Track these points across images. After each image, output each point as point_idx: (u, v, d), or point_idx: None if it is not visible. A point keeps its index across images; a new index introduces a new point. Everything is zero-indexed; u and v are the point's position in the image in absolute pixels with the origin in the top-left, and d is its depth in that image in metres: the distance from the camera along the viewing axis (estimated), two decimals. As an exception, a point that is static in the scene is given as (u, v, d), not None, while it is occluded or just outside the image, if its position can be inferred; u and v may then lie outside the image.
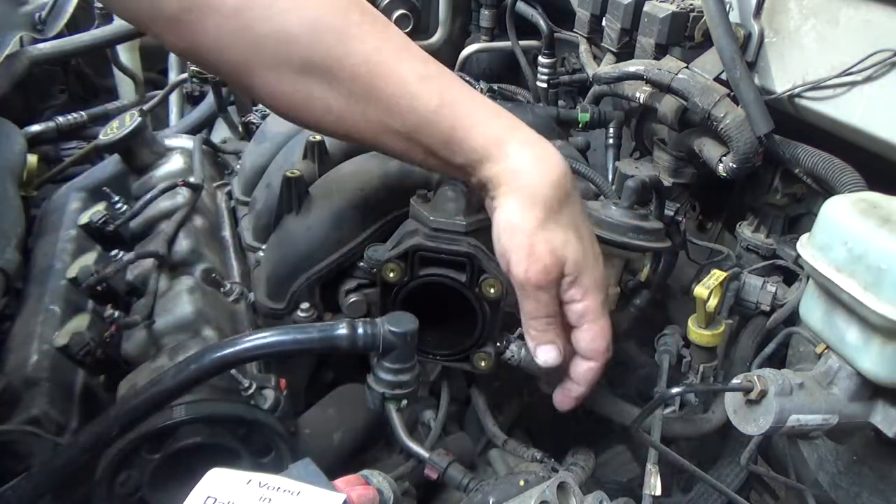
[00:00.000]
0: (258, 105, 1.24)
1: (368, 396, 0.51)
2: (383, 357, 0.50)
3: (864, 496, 0.66)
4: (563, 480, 0.58)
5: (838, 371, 0.60)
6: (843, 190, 0.73)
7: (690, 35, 0.93)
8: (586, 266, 0.65)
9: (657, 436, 0.70)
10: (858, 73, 0.72)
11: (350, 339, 0.48)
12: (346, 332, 0.48)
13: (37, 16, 1.43)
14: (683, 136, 0.96)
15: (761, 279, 0.85)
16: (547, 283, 0.63)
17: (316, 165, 0.89)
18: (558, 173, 0.64)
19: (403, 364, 0.50)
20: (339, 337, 0.48)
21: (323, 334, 0.48)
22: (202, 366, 0.48)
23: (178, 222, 0.94)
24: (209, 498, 0.43)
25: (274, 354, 0.48)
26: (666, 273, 0.87)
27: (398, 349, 0.49)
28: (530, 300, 0.65)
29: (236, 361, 0.48)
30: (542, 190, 0.63)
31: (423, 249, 0.74)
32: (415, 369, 0.51)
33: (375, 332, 0.48)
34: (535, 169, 0.64)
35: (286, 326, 0.49)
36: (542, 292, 0.64)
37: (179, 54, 1.34)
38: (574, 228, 0.65)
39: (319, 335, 0.48)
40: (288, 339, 0.48)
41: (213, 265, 0.93)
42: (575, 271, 0.64)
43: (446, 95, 0.63)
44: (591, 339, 0.67)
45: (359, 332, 0.48)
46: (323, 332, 0.48)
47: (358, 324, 0.48)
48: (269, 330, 0.49)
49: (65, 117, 1.37)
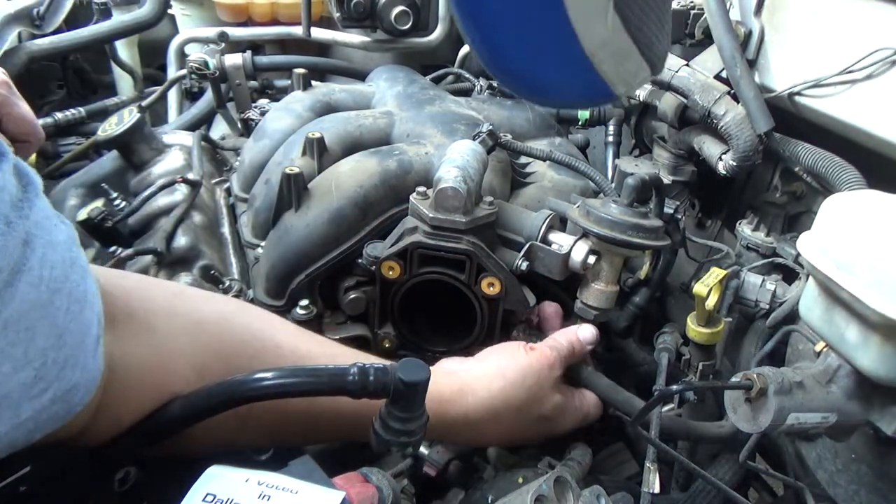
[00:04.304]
0: (257, 101, 1.24)
1: (373, 440, 0.51)
2: (392, 405, 0.49)
3: (862, 494, 0.66)
4: (560, 475, 0.58)
5: (837, 369, 0.60)
6: (843, 188, 0.73)
7: (691, 32, 0.93)
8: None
9: (656, 433, 0.70)
10: (859, 71, 0.72)
11: (360, 385, 0.48)
12: (356, 379, 0.48)
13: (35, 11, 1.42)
14: (683, 133, 0.96)
15: (761, 277, 0.85)
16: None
17: (315, 162, 0.89)
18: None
19: (412, 413, 0.50)
20: (350, 382, 0.48)
21: (333, 379, 0.49)
22: (207, 403, 0.49)
23: (177, 219, 0.94)
24: (208, 495, 0.43)
25: (282, 395, 0.49)
26: (665, 271, 0.87)
27: (408, 398, 0.49)
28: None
29: (243, 400, 0.48)
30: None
31: (423, 247, 0.74)
32: (423, 417, 0.51)
33: (386, 381, 0.48)
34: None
35: (297, 368, 0.49)
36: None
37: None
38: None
39: (329, 379, 0.49)
40: (297, 382, 0.48)
41: (212, 262, 0.93)
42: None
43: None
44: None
45: (370, 378, 0.48)
46: (333, 377, 0.49)
47: (370, 370, 0.48)
48: (279, 370, 0.49)
49: (63, 113, 1.37)
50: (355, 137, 0.93)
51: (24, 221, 0.36)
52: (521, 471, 0.69)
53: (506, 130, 0.93)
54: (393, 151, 0.87)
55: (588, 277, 0.79)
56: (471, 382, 0.69)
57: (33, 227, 0.37)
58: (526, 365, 0.71)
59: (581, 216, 0.77)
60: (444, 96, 1.05)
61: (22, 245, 0.36)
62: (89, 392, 0.45)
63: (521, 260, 0.76)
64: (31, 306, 0.37)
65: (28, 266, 0.36)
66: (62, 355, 0.40)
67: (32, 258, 0.37)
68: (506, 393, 0.70)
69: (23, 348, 0.37)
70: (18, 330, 0.36)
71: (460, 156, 0.78)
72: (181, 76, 1.39)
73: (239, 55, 1.29)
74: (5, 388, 0.37)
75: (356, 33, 1.47)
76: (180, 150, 1.11)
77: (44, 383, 0.39)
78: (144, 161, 1.08)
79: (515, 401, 0.70)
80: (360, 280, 0.83)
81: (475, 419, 0.68)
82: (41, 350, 0.38)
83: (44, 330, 0.38)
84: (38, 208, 0.38)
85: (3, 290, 0.35)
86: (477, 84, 1.29)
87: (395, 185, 0.83)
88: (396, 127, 0.96)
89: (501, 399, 0.69)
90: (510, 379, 0.70)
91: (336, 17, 1.38)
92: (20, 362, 0.37)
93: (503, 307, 0.77)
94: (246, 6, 1.60)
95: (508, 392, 0.70)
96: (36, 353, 0.38)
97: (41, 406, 0.40)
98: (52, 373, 0.40)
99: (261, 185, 0.96)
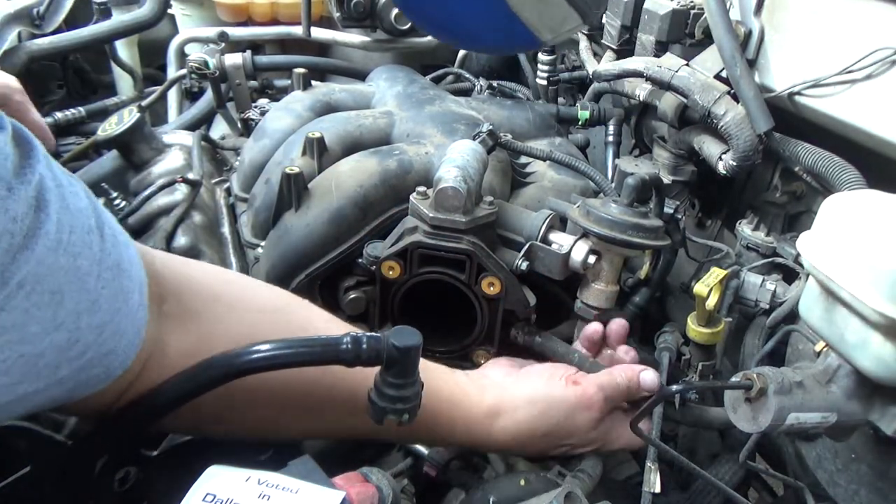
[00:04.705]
0: (257, 101, 1.24)
1: (370, 410, 0.51)
2: (386, 371, 0.50)
3: (862, 494, 0.66)
4: (570, 490, 0.58)
5: (837, 369, 0.60)
6: (843, 188, 0.73)
7: (691, 32, 0.93)
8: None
9: (656, 433, 0.70)
10: (859, 70, 0.72)
11: (353, 353, 0.48)
12: (349, 347, 0.48)
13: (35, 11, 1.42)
14: (683, 133, 0.96)
15: (761, 277, 0.85)
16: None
17: (315, 162, 0.89)
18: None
19: (406, 379, 0.50)
20: (343, 351, 0.48)
21: (326, 348, 0.49)
22: (204, 377, 0.49)
23: (177, 218, 0.94)
24: (208, 495, 0.43)
25: (277, 367, 0.49)
26: (665, 271, 0.87)
27: (401, 364, 0.49)
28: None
29: (239, 373, 0.49)
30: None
31: (423, 247, 0.74)
32: (417, 384, 0.51)
33: (379, 347, 0.48)
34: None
35: (290, 339, 0.49)
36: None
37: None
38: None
39: (322, 349, 0.49)
40: (291, 353, 0.48)
41: (212, 262, 0.93)
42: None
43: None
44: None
45: (363, 346, 0.48)
46: (326, 346, 0.49)
47: (362, 338, 0.49)
48: (274, 342, 0.49)
49: (63, 113, 1.37)
50: (355, 137, 0.93)
51: (26, 187, 0.37)
52: (523, 473, 0.69)
53: (506, 130, 0.93)
54: (393, 151, 0.87)
55: (588, 277, 0.79)
56: (501, 405, 0.70)
57: (43, 191, 0.38)
58: (560, 398, 0.70)
59: (581, 216, 0.77)
60: (444, 96, 1.05)
61: (33, 210, 0.37)
62: (129, 358, 0.47)
63: (521, 260, 0.76)
64: (52, 269, 0.39)
65: (44, 230, 0.38)
66: (97, 320, 0.42)
67: (48, 223, 0.38)
68: (532, 423, 0.70)
69: (51, 311, 0.39)
70: (42, 293, 0.38)
71: (460, 156, 0.78)
72: (181, 76, 1.39)
73: (239, 55, 1.29)
74: (38, 348, 0.39)
75: (356, 33, 1.47)
76: (180, 150, 1.11)
77: (81, 346, 0.42)
78: (144, 161, 1.08)
79: (541, 431, 0.70)
80: (361, 280, 0.83)
81: (499, 441, 0.70)
82: (73, 313, 0.40)
83: (73, 294, 0.40)
84: (43, 175, 0.39)
85: (18, 253, 0.36)
86: (477, 84, 1.29)
87: (395, 185, 0.83)
88: (396, 127, 0.96)
89: (527, 428, 0.70)
90: (539, 408, 0.70)
91: (336, 17, 1.38)
92: (50, 324, 0.39)
93: (503, 307, 0.77)
94: (246, 6, 1.60)
95: (535, 422, 0.70)
96: (68, 316, 0.40)
97: (79, 366, 0.43)
98: (88, 336, 0.42)
99: (261, 184, 0.96)
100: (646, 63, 0.91)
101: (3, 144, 0.37)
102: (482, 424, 0.69)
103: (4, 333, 0.37)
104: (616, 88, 1.07)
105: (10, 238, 0.36)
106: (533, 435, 0.70)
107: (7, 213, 0.36)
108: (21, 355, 0.39)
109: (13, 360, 0.38)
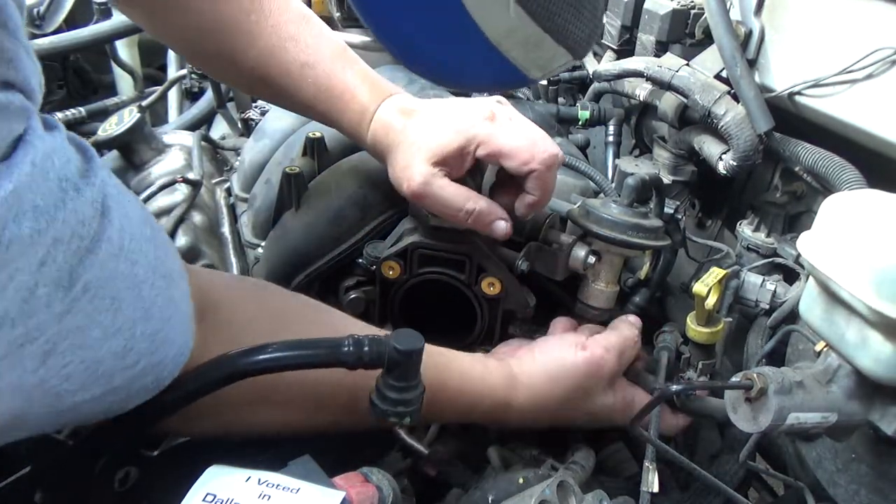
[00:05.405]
0: (258, 101, 1.24)
1: (371, 412, 0.51)
2: (388, 374, 0.50)
3: (862, 494, 0.66)
4: (563, 479, 0.58)
5: (838, 369, 0.60)
6: (844, 188, 0.73)
7: (691, 32, 0.93)
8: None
9: (655, 433, 0.70)
10: (859, 70, 0.72)
11: (355, 356, 0.49)
12: (351, 349, 0.48)
13: (35, 11, 1.43)
14: (683, 133, 0.96)
15: (761, 277, 0.85)
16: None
17: (315, 162, 0.89)
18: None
19: (408, 382, 0.50)
20: (345, 353, 0.49)
21: (329, 350, 0.49)
22: (207, 378, 0.49)
23: (177, 219, 0.94)
24: (208, 495, 0.43)
25: (280, 369, 0.49)
26: (665, 271, 0.87)
27: (403, 367, 0.49)
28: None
29: (243, 375, 0.49)
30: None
31: (423, 247, 0.74)
32: (419, 387, 0.51)
33: (381, 350, 0.49)
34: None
35: (292, 341, 0.49)
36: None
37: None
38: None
39: (325, 351, 0.49)
40: (293, 355, 0.49)
41: (212, 262, 0.93)
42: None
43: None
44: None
45: (364, 349, 0.49)
46: (329, 349, 0.49)
47: (364, 340, 0.49)
48: (276, 344, 0.49)
49: (63, 113, 1.37)
50: (355, 137, 0.93)
51: (91, 189, 0.37)
52: (522, 471, 0.69)
53: (506, 130, 0.93)
54: (393, 151, 0.87)
55: (588, 277, 0.79)
56: (520, 376, 0.71)
57: (106, 198, 0.38)
58: (571, 364, 0.72)
59: (581, 216, 0.76)
60: (444, 96, 1.05)
61: (99, 215, 0.37)
62: (177, 367, 0.47)
63: (521, 260, 0.76)
64: (113, 275, 0.39)
65: (107, 235, 0.38)
66: (150, 328, 0.42)
67: (111, 228, 0.38)
68: (548, 391, 0.71)
69: (110, 316, 0.39)
70: (104, 297, 0.38)
71: (460, 156, 0.78)
72: (181, 76, 1.40)
73: (239, 55, 1.29)
74: (98, 354, 0.39)
75: (356, 33, 1.46)
76: (180, 150, 1.11)
77: (135, 354, 0.42)
78: (144, 161, 1.08)
79: (559, 398, 0.71)
80: (361, 280, 0.83)
81: (520, 410, 0.70)
82: (130, 320, 0.41)
83: (130, 301, 0.40)
84: (104, 180, 0.39)
85: (86, 257, 0.36)
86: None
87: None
88: (396, 127, 0.96)
89: (543, 398, 0.71)
90: (552, 376, 0.71)
91: (336, 17, 1.38)
92: (109, 329, 0.39)
93: (503, 307, 0.77)
94: (246, 6, 1.60)
95: (551, 390, 0.71)
96: (125, 323, 0.40)
97: (133, 376, 0.43)
98: (142, 345, 0.42)
99: (261, 184, 0.96)
100: (646, 63, 0.91)
101: (62, 144, 0.36)
102: (502, 397, 0.69)
103: (68, 337, 0.37)
104: (616, 88, 1.07)
105: (80, 241, 0.36)
106: (549, 403, 0.71)
107: (76, 215, 0.35)
108: (82, 361, 0.38)
109: (75, 366, 0.38)
